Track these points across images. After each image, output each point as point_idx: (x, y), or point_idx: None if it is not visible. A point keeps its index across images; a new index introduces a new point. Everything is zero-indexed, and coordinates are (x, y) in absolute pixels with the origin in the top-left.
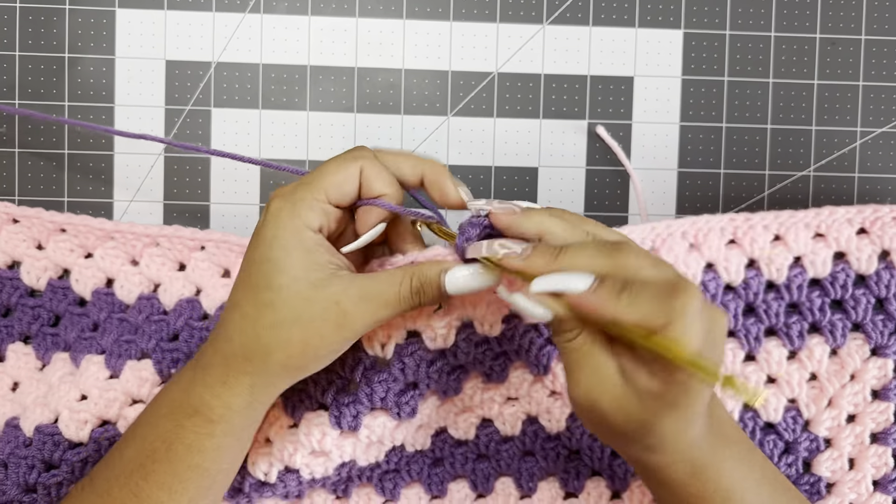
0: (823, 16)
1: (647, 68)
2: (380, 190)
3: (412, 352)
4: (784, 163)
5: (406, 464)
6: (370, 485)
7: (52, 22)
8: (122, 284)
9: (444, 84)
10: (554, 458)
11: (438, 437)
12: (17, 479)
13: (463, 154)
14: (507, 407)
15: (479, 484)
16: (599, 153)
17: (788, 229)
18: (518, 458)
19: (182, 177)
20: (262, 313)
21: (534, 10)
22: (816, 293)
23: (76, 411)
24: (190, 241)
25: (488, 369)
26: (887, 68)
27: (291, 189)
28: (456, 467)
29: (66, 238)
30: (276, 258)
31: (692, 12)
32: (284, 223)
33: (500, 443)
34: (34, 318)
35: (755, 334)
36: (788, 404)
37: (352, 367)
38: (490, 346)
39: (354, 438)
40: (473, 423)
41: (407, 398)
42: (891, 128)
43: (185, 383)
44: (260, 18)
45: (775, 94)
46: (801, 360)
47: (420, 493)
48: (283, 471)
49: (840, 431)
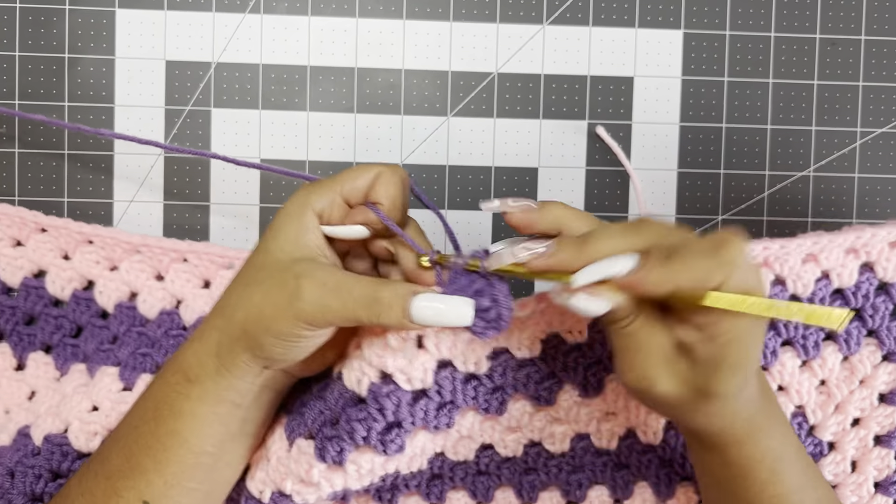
0: (823, 16)
1: (646, 68)
2: (380, 199)
3: (388, 392)
4: (784, 163)
5: (404, 480)
6: (369, 496)
7: (51, 22)
8: (144, 299)
9: (444, 84)
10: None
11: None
12: (24, 488)
13: (463, 154)
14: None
15: None
16: (599, 153)
17: (823, 250)
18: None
19: (182, 177)
20: (246, 271)
21: (534, 11)
22: (838, 302)
23: (87, 422)
24: (219, 258)
25: (534, 392)
26: (887, 68)
27: (303, 189)
28: (455, 481)
29: (93, 249)
30: (277, 225)
31: (692, 12)
32: (296, 198)
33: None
34: (56, 328)
35: (772, 348)
36: (795, 410)
37: (336, 401)
38: (533, 367)
39: (342, 471)
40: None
41: (392, 436)
42: (891, 128)
43: (178, 370)
44: (260, 19)
45: (775, 94)
46: (813, 369)
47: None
48: (276, 493)
49: (844, 435)
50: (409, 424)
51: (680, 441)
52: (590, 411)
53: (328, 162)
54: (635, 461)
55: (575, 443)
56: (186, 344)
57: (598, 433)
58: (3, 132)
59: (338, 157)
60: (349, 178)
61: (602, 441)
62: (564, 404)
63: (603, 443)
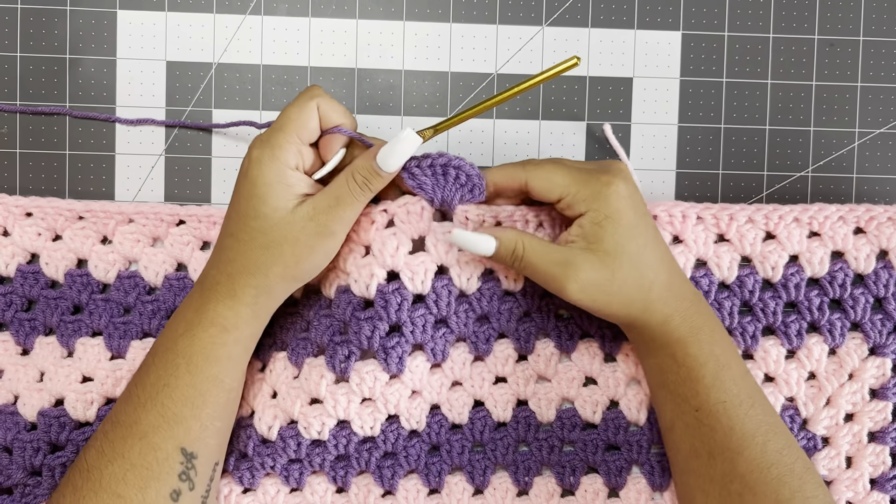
0: (822, 17)
1: (645, 69)
2: (337, 121)
3: (394, 289)
4: (782, 163)
5: (403, 447)
6: (368, 473)
7: (53, 23)
8: (95, 264)
9: (444, 85)
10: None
11: (433, 418)
12: (23, 462)
13: (463, 154)
14: (497, 388)
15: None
16: (598, 153)
17: (777, 225)
18: (513, 450)
19: (182, 177)
20: (254, 237)
21: (533, 12)
22: (815, 292)
23: (82, 393)
24: (168, 215)
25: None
26: (885, 69)
27: (267, 136)
28: (453, 456)
29: (33, 222)
30: (261, 193)
31: (691, 14)
32: (267, 165)
33: (493, 429)
34: (7, 304)
35: (752, 333)
36: (786, 403)
37: (343, 310)
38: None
39: (347, 389)
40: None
41: (393, 343)
42: (889, 129)
43: (195, 304)
44: (260, 20)
45: (773, 95)
46: (800, 360)
47: (418, 486)
48: (284, 427)
49: (838, 430)
50: (409, 333)
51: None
52: (568, 370)
53: None
54: (623, 440)
55: (561, 412)
56: (211, 304)
57: (582, 401)
58: (5, 132)
59: None
60: (298, 124)
61: (587, 411)
62: (543, 353)
63: (587, 413)
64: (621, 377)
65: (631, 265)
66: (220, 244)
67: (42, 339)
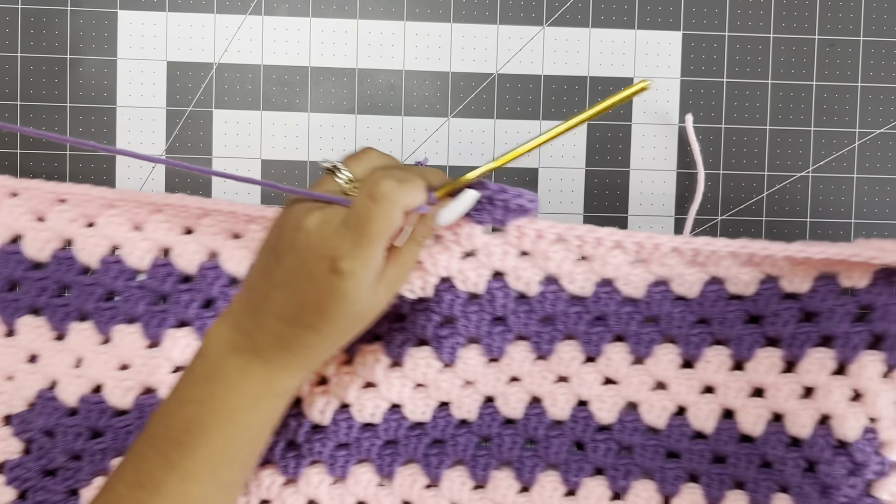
0: (822, 17)
1: (646, 69)
2: (418, 204)
3: (448, 287)
4: (783, 164)
5: (452, 435)
6: (415, 462)
7: (53, 23)
8: (130, 251)
9: (445, 85)
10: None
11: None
12: (65, 446)
13: (463, 155)
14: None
15: None
16: (599, 153)
17: None
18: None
19: (183, 179)
20: (341, 330)
21: (534, 12)
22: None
23: (120, 380)
24: (195, 209)
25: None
26: (886, 69)
27: (356, 249)
28: (503, 450)
29: (68, 208)
30: (354, 299)
31: (691, 14)
32: (361, 278)
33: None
34: (41, 290)
35: (854, 344)
36: (868, 424)
37: (399, 304)
38: None
39: (401, 374)
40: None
41: (446, 332)
42: (889, 129)
43: (256, 378)
44: (261, 20)
45: (774, 95)
46: (895, 380)
47: (464, 477)
48: (337, 409)
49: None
50: (462, 328)
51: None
52: (637, 374)
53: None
54: (686, 449)
55: (623, 415)
56: (285, 379)
57: (648, 406)
58: (5, 133)
59: (338, 158)
60: (389, 232)
61: (651, 416)
62: (614, 357)
63: (651, 418)
64: (695, 384)
65: None
66: (291, 332)
67: (76, 325)
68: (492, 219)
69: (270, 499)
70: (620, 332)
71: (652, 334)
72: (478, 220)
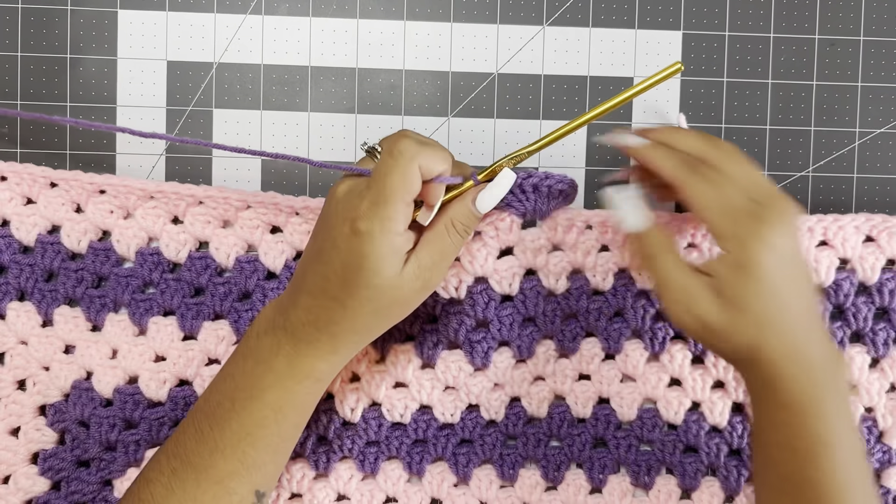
0: (822, 17)
1: (646, 69)
2: (438, 169)
3: (482, 289)
4: (783, 163)
5: (480, 435)
6: (444, 461)
7: (53, 23)
8: (167, 244)
9: (445, 85)
10: (626, 448)
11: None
12: (100, 437)
13: (464, 154)
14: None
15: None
16: (599, 153)
17: (881, 232)
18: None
19: (184, 177)
20: (364, 304)
21: (534, 12)
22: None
23: (156, 372)
24: (236, 200)
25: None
26: (886, 69)
27: (373, 208)
28: (528, 448)
29: (106, 199)
30: (373, 266)
31: (691, 13)
32: (379, 238)
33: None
34: (78, 281)
35: (839, 339)
36: (865, 414)
37: (431, 305)
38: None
39: (433, 376)
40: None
41: (479, 336)
42: (889, 129)
43: (286, 353)
44: (261, 20)
45: (774, 94)
46: (884, 370)
47: (491, 476)
48: (367, 407)
49: None
50: (496, 331)
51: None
52: (654, 371)
53: (329, 162)
54: (703, 443)
55: (642, 412)
56: (309, 359)
57: (666, 402)
58: (6, 132)
59: (338, 158)
60: (405, 190)
61: (669, 413)
62: (632, 354)
63: (670, 414)
64: (709, 381)
65: (755, 324)
66: (319, 304)
67: (112, 317)
68: (534, 209)
69: (301, 492)
70: (636, 328)
71: (665, 329)
72: (520, 213)
